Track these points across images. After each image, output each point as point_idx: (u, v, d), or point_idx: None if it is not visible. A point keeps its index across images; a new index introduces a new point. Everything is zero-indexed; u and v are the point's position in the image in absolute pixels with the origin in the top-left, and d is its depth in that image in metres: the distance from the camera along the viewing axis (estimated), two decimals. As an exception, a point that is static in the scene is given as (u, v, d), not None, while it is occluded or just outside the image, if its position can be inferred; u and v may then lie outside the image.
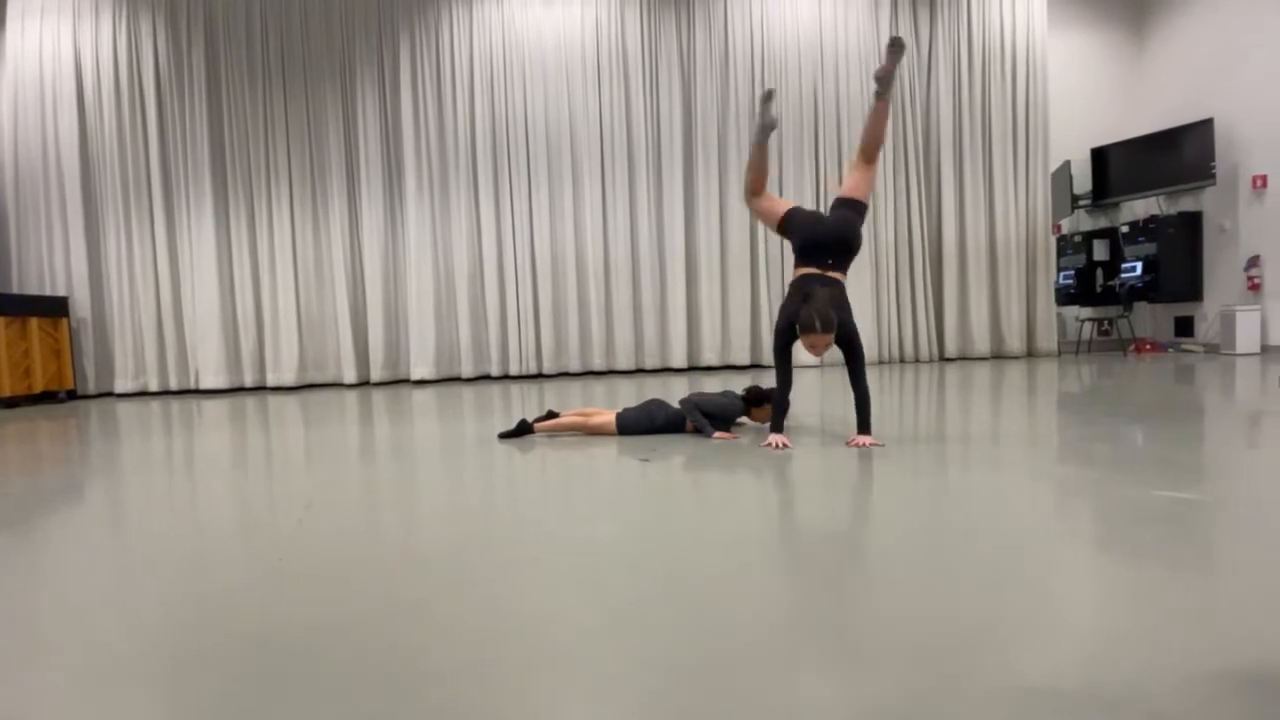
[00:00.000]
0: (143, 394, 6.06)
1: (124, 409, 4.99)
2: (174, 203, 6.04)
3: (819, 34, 6.30)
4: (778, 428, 2.56)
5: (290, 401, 5.03)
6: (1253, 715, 0.80)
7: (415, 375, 6.09)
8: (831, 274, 2.53)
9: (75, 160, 5.89)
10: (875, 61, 6.32)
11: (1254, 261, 5.75)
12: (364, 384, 6.19)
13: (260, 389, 6.13)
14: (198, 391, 6.06)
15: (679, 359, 6.22)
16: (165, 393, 6.09)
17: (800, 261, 2.57)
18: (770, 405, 2.82)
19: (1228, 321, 5.72)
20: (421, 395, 5.09)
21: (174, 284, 6.05)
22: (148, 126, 5.97)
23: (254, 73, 5.98)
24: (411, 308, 6.09)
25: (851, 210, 2.60)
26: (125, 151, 5.96)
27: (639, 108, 6.18)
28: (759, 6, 6.24)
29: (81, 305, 5.95)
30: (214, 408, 4.79)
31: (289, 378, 6.03)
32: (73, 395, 5.91)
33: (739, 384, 4.82)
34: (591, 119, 6.14)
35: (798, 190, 6.30)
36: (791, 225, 2.60)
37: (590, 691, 0.91)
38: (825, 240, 2.54)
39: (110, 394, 6.09)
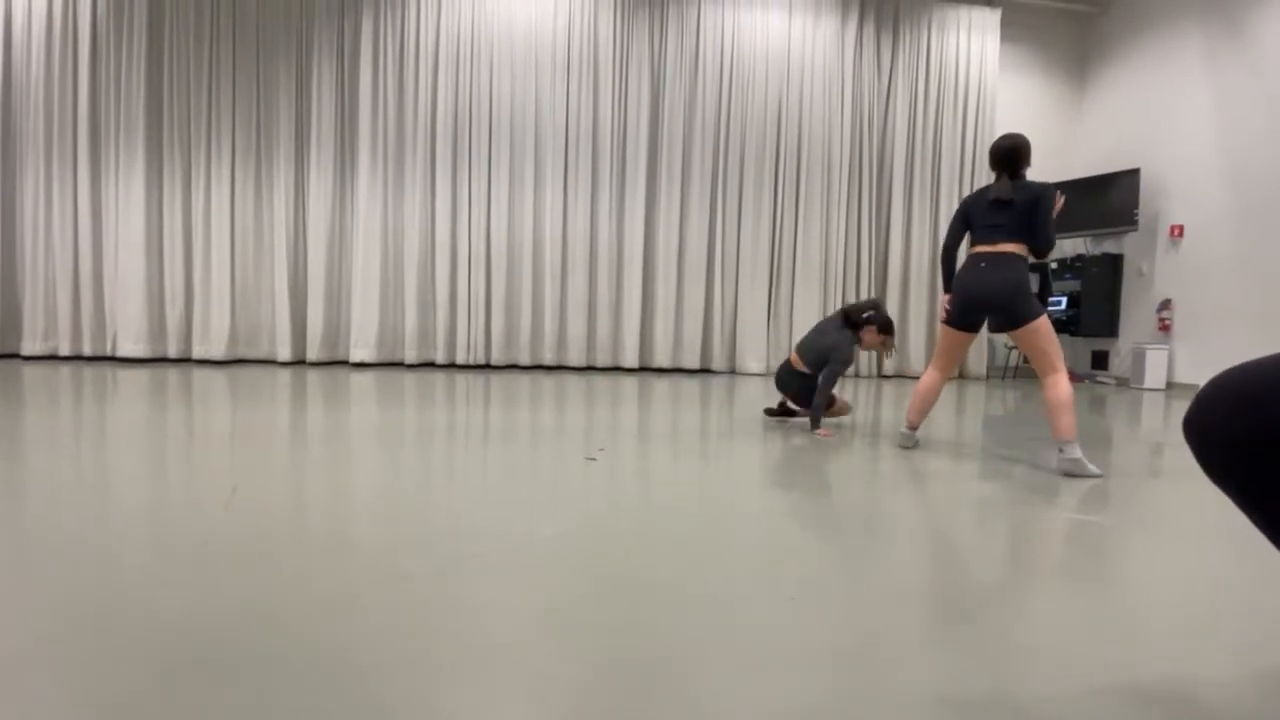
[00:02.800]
0: (52, 358, 5.63)
1: (30, 373, 4.62)
2: (101, 155, 5.64)
3: (787, 49, 6.44)
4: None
5: (218, 376, 4.77)
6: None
7: (355, 357, 5.88)
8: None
9: (-9, 99, 5.42)
10: (839, 82, 6.51)
11: (1166, 304, 6.21)
12: (299, 363, 5.93)
13: (185, 361, 5.80)
14: (114, 359, 5.68)
15: (631, 359, 6.23)
16: (78, 358, 5.68)
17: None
18: (878, 328, 2.91)
19: (1139, 358, 6.15)
20: (361, 378, 4.92)
21: (95, 241, 5.65)
22: (79, 72, 5.55)
23: (201, 27, 5.65)
24: (356, 287, 5.88)
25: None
26: (52, 95, 5.53)
27: (606, 105, 6.16)
28: (731, 16, 6.32)
29: (-13, 257, 5.48)
30: (133, 378, 4.50)
31: (218, 351, 5.73)
32: (-30, 354, 5.44)
33: (689, 389, 4.90)
34: (558, 112, 6.09)
35: (756, 204, 6.41)
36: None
37: (525, 689, 0.90)
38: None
39: (15, 355, 5.64)
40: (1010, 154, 2.52)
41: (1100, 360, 6.90)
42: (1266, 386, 0.67)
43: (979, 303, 2.56)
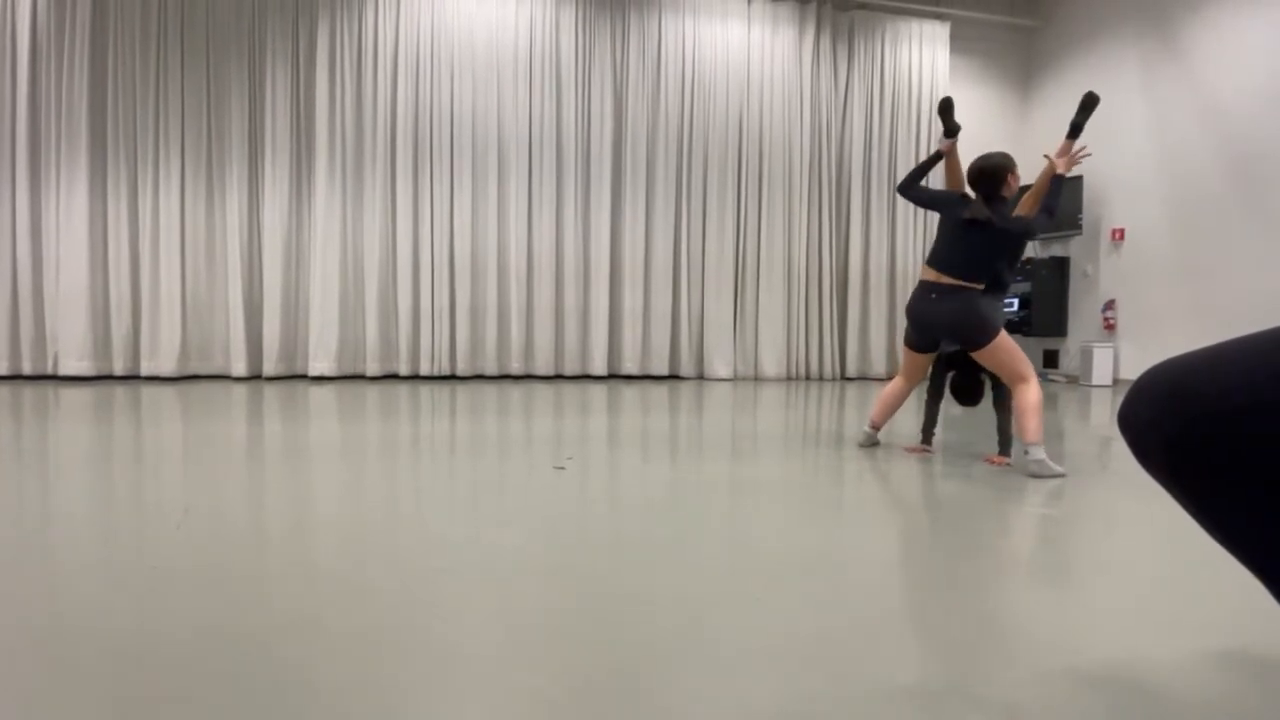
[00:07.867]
0: (-13, 377, 5.34)
1: (-37, 393, 4.37)
2: (41, 164, 5.38)
3: (746, 59, 6.54)
4: None
5: (168, 393, 4.59)
6: (1099, 706, 0.90)
7: (314, 370, 5.72)
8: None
9: (-83, 106, 5.13)
10: (798, 91, 6.64)
11: (1110, 304, 6.49)
12: (255, 377, 5.75)
13: (132, 378, 5.56)
14: (57, 378, 5.41)
15: (599, 367, 6.21)
16: (16, 377, 5.40)
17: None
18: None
19: (1086, 356, 6.41)
20: (321, 392, 4.79)
21: (35, 254, 5.39)
22: (17, 76, 5.30)
23: (147, 30, 5.46)
24: (314, 298, 5.73)
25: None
26: (-17, 102, 5.27)
27: (569, 113, 6.16)
28: (691, 25, 6.40)
29: (-86, 272, 5.17)
30: (77, 396, 4.30)
31: (168, 367, 5.51)
32: (-105, 375, 5.11)
33: (658, 395, 4.90)
34: (520, 119, 6.06)
35: (720, 211, 6.48)
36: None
37: (493, 702, 0.88)
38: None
39: (-55, 375, 5.32)
40: (988, 175, 2.62)
41: (1051, 359, 7.16)
42: (1196, 381, 0.66)
43: (934, 330, 2.63)
